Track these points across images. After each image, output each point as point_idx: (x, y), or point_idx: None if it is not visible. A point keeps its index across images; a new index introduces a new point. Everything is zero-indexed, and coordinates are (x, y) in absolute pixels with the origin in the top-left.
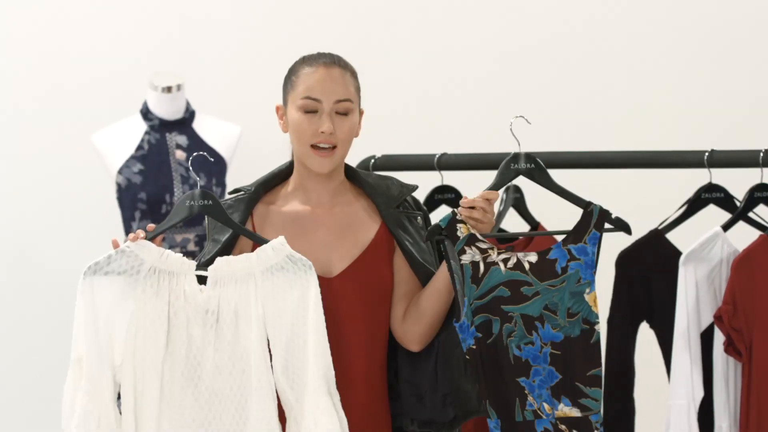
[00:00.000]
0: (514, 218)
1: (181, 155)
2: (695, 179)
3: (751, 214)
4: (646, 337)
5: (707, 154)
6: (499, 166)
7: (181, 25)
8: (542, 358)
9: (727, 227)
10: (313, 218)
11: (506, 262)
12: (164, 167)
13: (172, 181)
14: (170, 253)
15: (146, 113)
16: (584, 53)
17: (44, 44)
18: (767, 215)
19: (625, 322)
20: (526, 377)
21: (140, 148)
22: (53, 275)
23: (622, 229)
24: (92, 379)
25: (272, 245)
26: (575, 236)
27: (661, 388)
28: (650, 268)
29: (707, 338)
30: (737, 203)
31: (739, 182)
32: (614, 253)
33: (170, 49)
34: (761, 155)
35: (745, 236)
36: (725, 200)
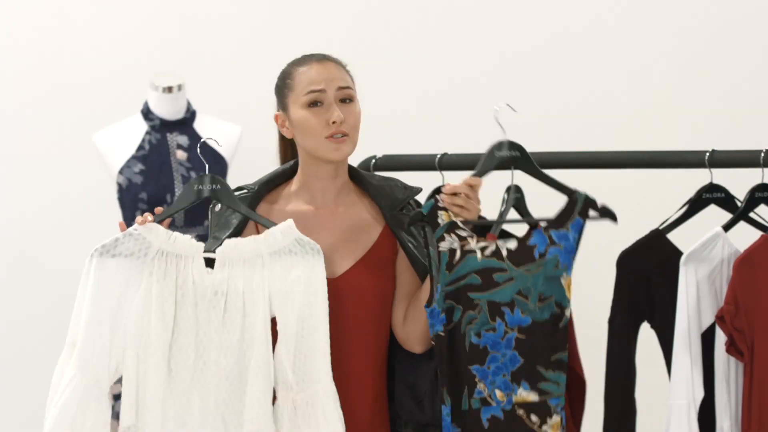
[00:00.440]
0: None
1: (182, 155)
2: (696, 179)
3: (752, 214)
4: (646, 337)
5: (708, 154)
6: (499, 166)
7: (181, 25)
8: (504, 344)
9: (728, 227)
10: (316, 218)
11: (484, 249)
12: (165, 167)
13: (173, 181)
14: (178, 235)
15: (147, 113)
16: (584, 54)
17: (45, 44)
18: None
19: (625, 322)
20: (479, 364)
21: (141, 148)
22: (54, 275)
23: (608, 216)
24: (83, 360)
25: (281, 228)
26: (558, 222)
27: (661, 388)
28: (651, 268)
29: (708, 338)
30: (738, 203)
31: (739, 182)
32: (615, 253)
33: (171, 49)
34: (762, 155)
35: (745, 236)
36: (726, 200)
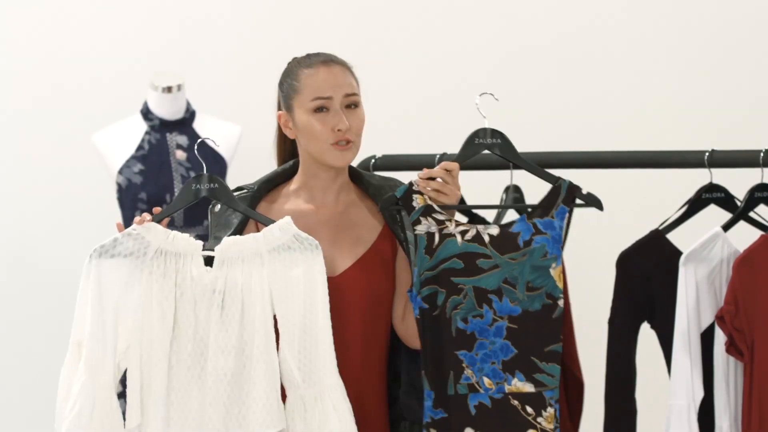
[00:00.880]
0: (513, 218)
1: (181, 155)
2: (696, 179)
3: (751, 214)
4: (646, 337)
5: (708, 154)
6: (498, 166)
7: (181, 25)
8: (493, 331)
9: (727, 227)
10: (316, 217)
11: (464, 234)
12: (165, 167)
13: (172, 181)
14: (177, 234)
15: (147, 113)
16: (584, 54)
17: (45, 45)
18: None
19: (625, 322)
20: (467, 350)
21: (141, 148)
22: (53, 275)
23: (593, 204)
24: (92, 362)
25: (279, 225)
26: (542, 210)
27: (661, 388)
28: (651, 268)
29: (707, 338)
30: (738, 203)
31: (739, 182)
32: (615, 253)
33: (171, 49)
34: (761, 155)
35: (745, 236)
36: (726, 200)
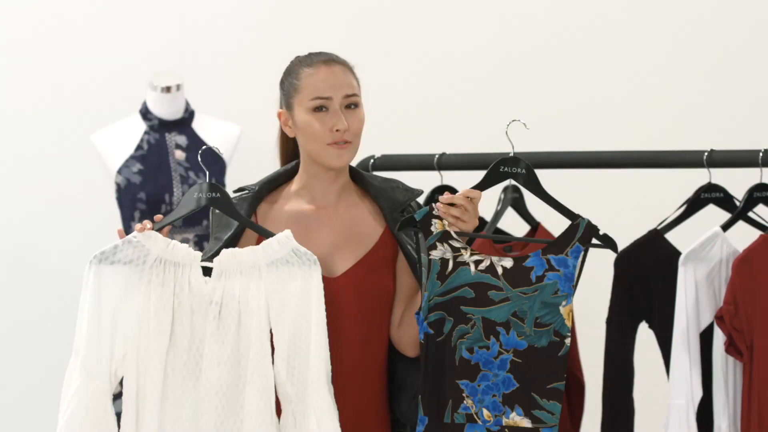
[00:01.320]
0: (513, 218)
1: (180, 155)
2: (695, 179)
3: (750, 213)
4: (645, 337)
5: (707, 154)
6: None
7: (181, 25)
8: (498, 364)
9: (726, 227)
10: (317, 218)
11: (478, 264)
12: (163, 167)
13: (171, 180)
14: (176, 243)
15: (146, 113)
16: (584, 54)
17: (44, 45)
18: (767, 215)
19: (624, 322)
20: (470, 380)
21: (139, 148)
22: (53, 275)
23: (608, 246)
24: (88, 368)
25: (278, 239)
26: (558, 247)
27: (660, 388)
28: (649, 268)
29: (707, 338)
30: (737, 203)
31: (738, 182)
32: (613, 253)
33: (170, 49)
34: (760, 155)
35: (744, 236)
36: (725, 200)
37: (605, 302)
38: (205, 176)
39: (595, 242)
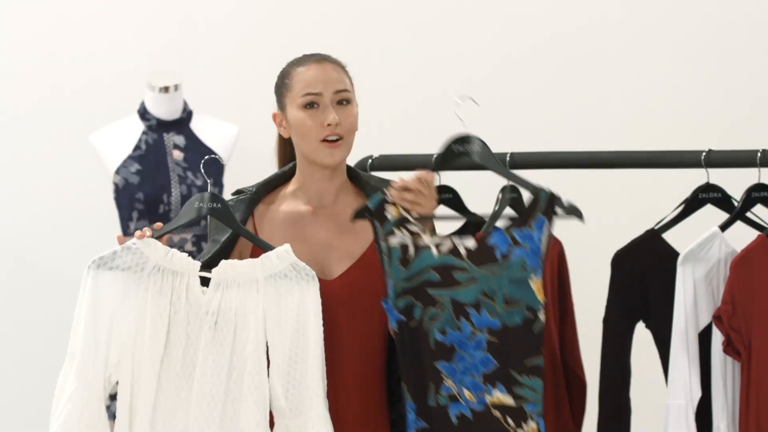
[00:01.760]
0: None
1: (178, 155)
2: (693, 179)
3: (748, 214)
4: (643, 337)
5: (704, 154)
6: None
7: (180, 25)
8: (473, 345)
9: (724, 227)
10: (313, 219)
11: (439, 246)
12: (162, 167)
13: (169, 181)
14: (175, 252)
15: (144, 113)
16: (583, 54)
17: (44, 45)
18: (765, 215)
19: (621, 322)
20: (446, 361)
21: (138, 148)
22: (53, 275)
23: (573, 214)
24: (83, 372)
25: (277, 252)
26: (519, 221)
27: (658, 388)
28: (646, 268)
29: (705, 338)
30: (735, 203)
31: (736, 182)
32: (610, 253)
33: (170, 49)
34: (759, 155)
35: (743, 236)
36: (723, 200)
37: (601, 302)
38: (201, 176)
39: (559, 212)
